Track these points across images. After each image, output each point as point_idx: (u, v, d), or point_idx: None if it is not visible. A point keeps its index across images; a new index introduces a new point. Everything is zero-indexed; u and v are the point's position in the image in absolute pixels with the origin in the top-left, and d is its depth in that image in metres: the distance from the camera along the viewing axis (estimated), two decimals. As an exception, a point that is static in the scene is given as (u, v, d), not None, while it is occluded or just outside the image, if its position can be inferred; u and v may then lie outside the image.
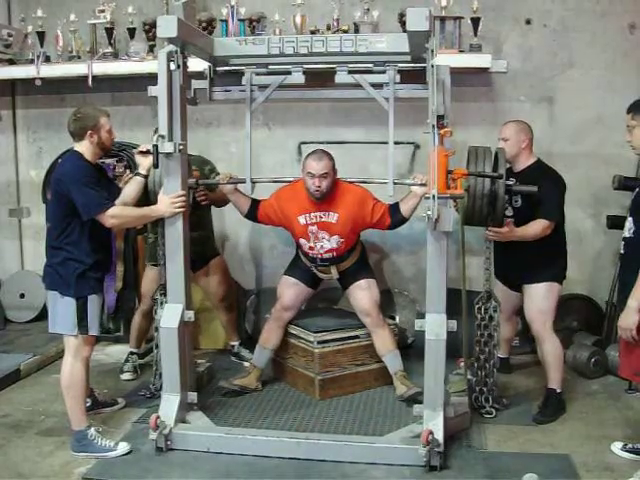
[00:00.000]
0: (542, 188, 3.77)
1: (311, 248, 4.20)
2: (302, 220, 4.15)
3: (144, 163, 3.73)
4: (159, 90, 3.54)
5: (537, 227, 3.90)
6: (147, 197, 3.88)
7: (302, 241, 4.21)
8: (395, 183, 3.95)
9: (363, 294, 4.27)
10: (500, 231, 3.83)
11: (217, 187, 4.41)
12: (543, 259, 4.00)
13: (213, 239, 4.90)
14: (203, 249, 4.61)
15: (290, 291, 4.38)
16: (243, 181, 4.12)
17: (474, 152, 3.68)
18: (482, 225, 3.83)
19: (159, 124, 3.52)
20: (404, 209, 4.06)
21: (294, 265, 4.46)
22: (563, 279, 4.13)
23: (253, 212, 4.27)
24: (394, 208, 4.10)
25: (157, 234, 4.38)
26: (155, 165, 3.53)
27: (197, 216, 4.27)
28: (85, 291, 3.56)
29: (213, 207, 4.76)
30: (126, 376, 4.66)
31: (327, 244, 4.16)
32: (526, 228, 3.90)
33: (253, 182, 4.07)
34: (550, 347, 4.04)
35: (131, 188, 3.75)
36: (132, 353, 4.78)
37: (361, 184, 4.21)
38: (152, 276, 4.61)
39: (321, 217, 4.12)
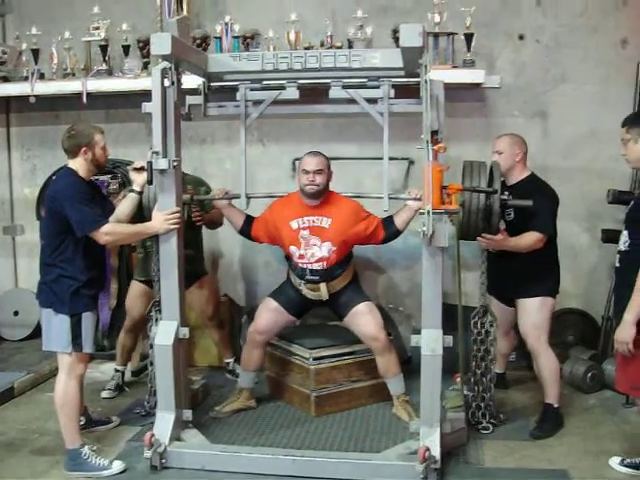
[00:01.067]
0: (535, 201, 3.77)
1: (301, 257, 4.10)
2: (294, 225, 4.09)
3: (138, 180, 3.73)
4: (153, 106, 3.52)
5: (529, 239, 3.90)
6: (142, 214, 3.87)
7: (292, 249, 4.12)
8: (390, 198, 3.95)
9: (367, 319, 4.14)
10: (494, 238, 3.82)
11: (212, 208, 4.44)
12: (536, 273, 4.00)
13: (203, 258, 4.89)
14: (193, 268, 4.55)
15: (268, 315, 4.27)
16: (238, 196, 4.12)
17: (469, 166, 3.68)
18: (477, 239, 3.83)
19: (153, 140, 3.51)
20: (398, 222, 4.05)
21: (281, 290, 4.35)
22: (556, 293, 4.13)
23: (247, 228, 4.24)
24: (388, 221, 4.09)
25: (147, 249, 4.38)
26: (149, 182, 3.53)
27: (189, 235, 4.24)
28: (79, 308, 3.54)
29: (206, 228, 4.76)
30: (104, 394, 4.62)
31: (318, 252, 4.07)
32: (519, 239, 3.91)
33: (248, 197, 4.07)
34: (545, 361, 4.02)
35: (125, 205, 3.74)
36: (116, 370, 4.76)
37: (356, 199, 4.21)
38: (137, 291, 4.63)
39: (314, 221, 4.07)
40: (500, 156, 4.03)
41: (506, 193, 3.68)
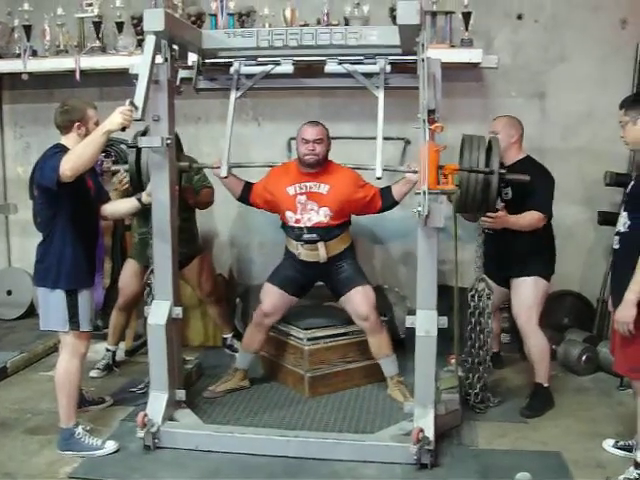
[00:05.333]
0: (535, 181, 3.78)
1: (297, 221, 4.11)
2: (291, 190, 4.10)
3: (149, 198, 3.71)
4: (141, 66, 3.28)
5: (530, 218, 3.92)
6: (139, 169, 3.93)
7: (289, 214, 4.12)
8: (388, 170, 3.93)
9: (360, 299, 4.14)
10: (497, 215, 3.82)
11: (202, 188, 4.49)
12: (531, 253, 4.01)
13: (198, 238, 4.89)
14: (189, 248, 4.59)
15: (272, 297, 4.26)
16: (237, 165, 4.12)
17: (468, 140, 3.62)
18: (474, 212, 3.82)
19: (136, 97, 3.24)
20: (396, 193, 4.10)
21: (276, 272, 4.35)
22: (551, 274, 4.13)
23: (245, 195, 4.27)
24: (386, 191, 4.12)
25: (144, 234, 4.34)
26: (123, 129, 3.28)
27: (183, 219, 4.24)
28: (75, 284, 3.52)
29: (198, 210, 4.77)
30: (93, 373, 4.59)
31: (315, 216, 4.08)
32: (519, 217, 3.92)
33: (230, 167, 3.96)
34: (535, 341, 4.04)
35: (125, 205, 3.80)
36: (107, 350, 4.75)
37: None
38: (131, 270, 4.63)
39: (311, 187, 4.09)
40: (496, 137, 4.01)
41: (504, 169, 3.63)
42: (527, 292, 4.04)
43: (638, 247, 3.14)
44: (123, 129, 3.26)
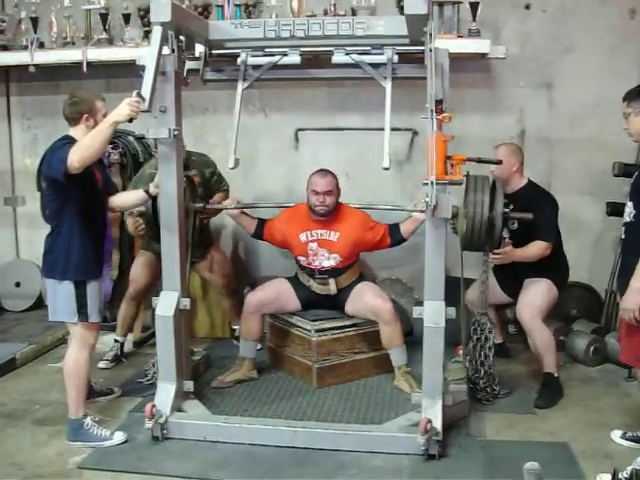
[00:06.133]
0: (537, 210, 3.88)
1: (309, 264, 4.27)
2: (303, 237, 4.24)
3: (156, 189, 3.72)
4: (148, 57, 3.27)
5: (536, 249, 4.04)
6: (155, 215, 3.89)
7: (301, 258, 4.29)
8: (396, 209, 4.21)
9: (369, 294, 4.22)
10: (504, 251, 3.97)
11: (217, 191, 4.59)
12: (543, 270, 4.12)
13: (209, 231, 4.90)
14: (204, 250, 4.71)
15: (274, 290, 4.37)
16: (250, 206, 4.30)
17: (472, 181, 3.65)
18: (480, 251, 3.88)
19: (143, 88, 3.22)
20: (404, 231, 4.24)
21: (296, 278, 4.44)
22: (563, 286, 4.24)
23: (259, 232, 4.40)
24: (394, 228, 4.26)
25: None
26: (130, 120, 3.28)
27: (201, 224, 4.35)
28: (83, 276, 3.52)
29: None
30: (101, 364, 4.60)
31: (326, 262, 4.24)
32: (525, 250, 4.05)
33: (236, 160, 3.88)
34: (539, 335, 4.07)
35: (133, 197, 3.84)
36: (115, 341, 4.76)
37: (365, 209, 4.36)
38: (143, 261, 4.65)
39: (322, 235, 4.22)
40: (498, 167, 4.08)
41: (510, 207, 3.70)
42: (538, 292, 4.12)
43: None
44: (130, 120, 3.28)
